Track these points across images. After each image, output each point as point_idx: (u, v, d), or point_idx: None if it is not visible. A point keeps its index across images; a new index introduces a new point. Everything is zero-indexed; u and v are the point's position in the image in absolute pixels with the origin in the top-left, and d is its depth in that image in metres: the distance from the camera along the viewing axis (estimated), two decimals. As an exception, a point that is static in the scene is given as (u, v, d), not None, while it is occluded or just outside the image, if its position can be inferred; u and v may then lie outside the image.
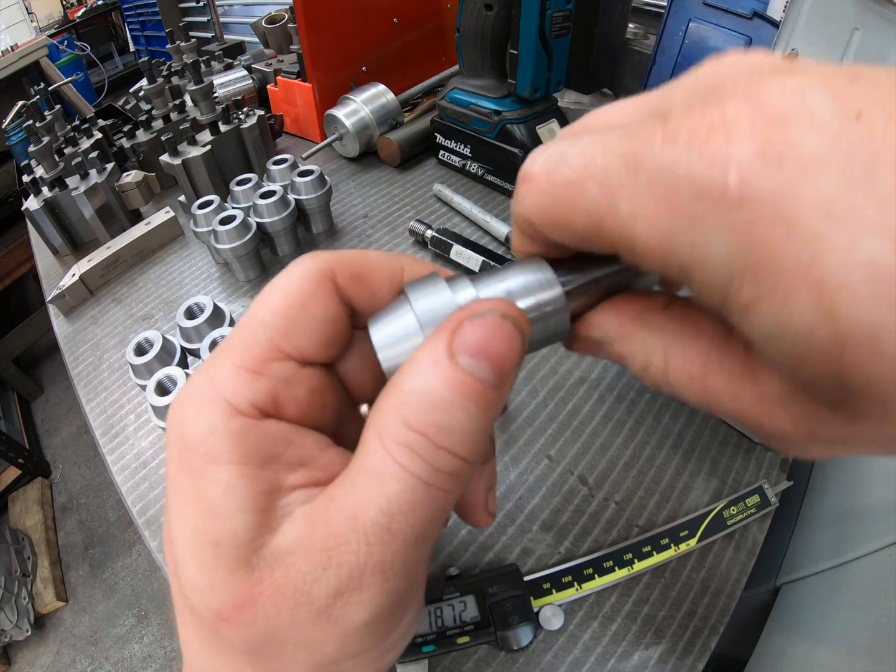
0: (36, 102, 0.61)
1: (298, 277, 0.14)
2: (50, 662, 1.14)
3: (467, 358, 0.11)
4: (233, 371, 0.13)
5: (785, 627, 0.33)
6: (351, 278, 0.14)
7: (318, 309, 0.14)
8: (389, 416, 0.12)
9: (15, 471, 1.38)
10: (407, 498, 0.11)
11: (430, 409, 0.11)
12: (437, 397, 0.11)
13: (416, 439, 0.11)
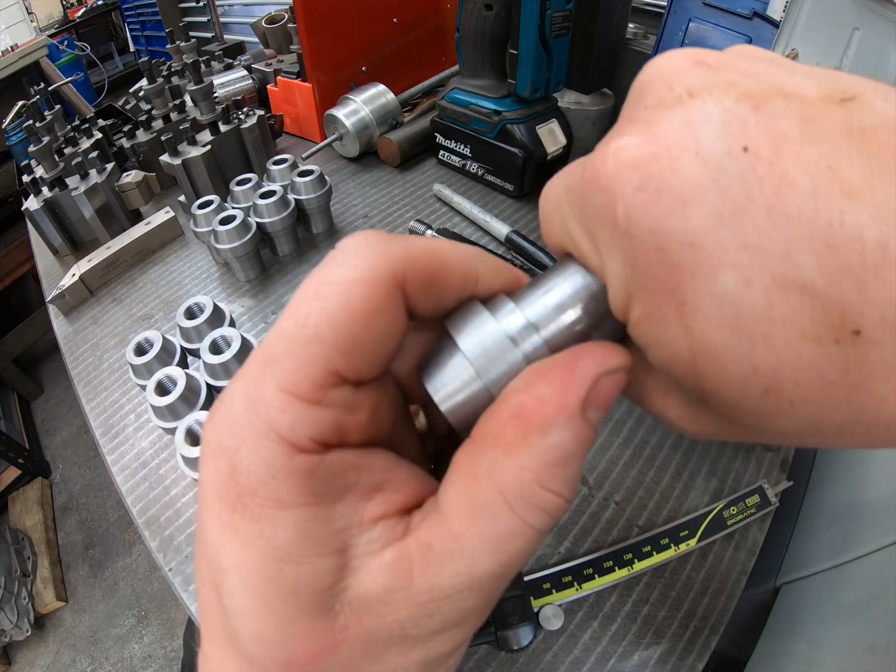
0: (36, 102, 0.61)
1: (365, 282, 0.11)
2: (50, 662, 1.14)
3: (595, 411, 0.11)
4: (284, 400, 0.11)
5: (785, 627, 0.33)
6: (422, 286, 0.12)
7: (386, 327, 0.12)
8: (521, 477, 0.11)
9: (15, 471, 1.38)
10: (527, 550, 0.11)
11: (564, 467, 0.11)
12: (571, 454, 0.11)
13: (551, 500, 0.11)
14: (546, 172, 0.54)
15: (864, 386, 0.09)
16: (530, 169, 0.53)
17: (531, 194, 0.56)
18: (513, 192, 0.55)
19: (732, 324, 0.09)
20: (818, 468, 0.40)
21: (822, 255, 0.08)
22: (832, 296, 0.08)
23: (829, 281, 0.08)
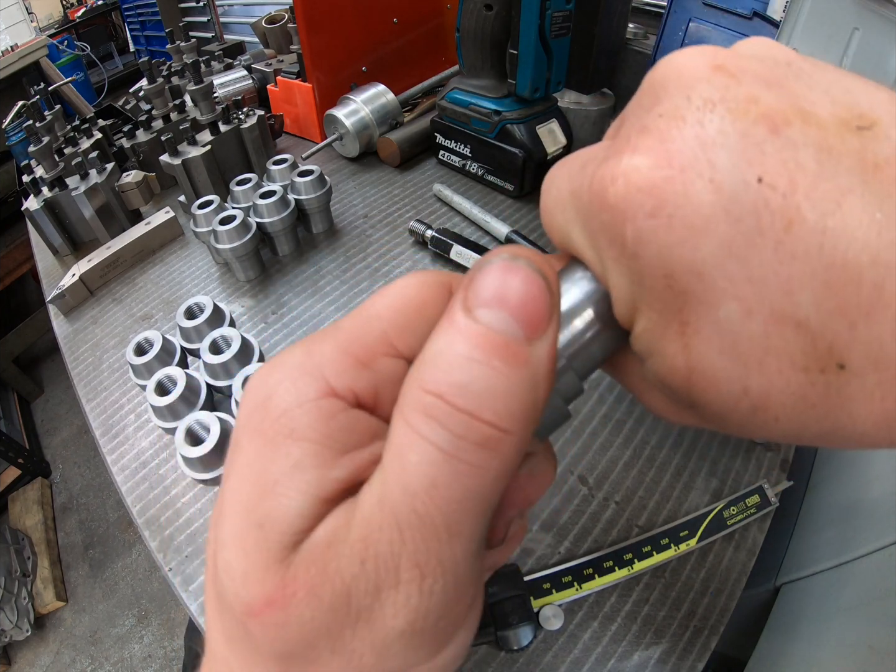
0: (36, 102, 0.61)
1: (418, 283, 0.13)
2: (50, 662, 1.14)
3: (484, 309, 0.10)
4: (339, 353, 0.11)
5: (785, 627, 0.33)
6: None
7: (434, 315, 0.12)
8: (409, 385, 0.10)
9: (15, 471, 1.38)
10: (427, 471, 0.10)
11: (447, 368, 0.10)
12: (456, 355, 0.10)
13: (431, 402, 0.10)
14: (546, 173, 0.54)
15: (843, 408, 0.09)
16: (530, 169, 0.53)
17: (531, 194, 0.56)
18: (513, 192, 0.55)
19: (730, 350, 0.10)
20: (818, 468, 0.40)
21: (820, 294, 0.09)
22: (824, 332, 0.09)
23: (824, 319, 0.09)
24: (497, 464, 0.10)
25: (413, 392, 0.10)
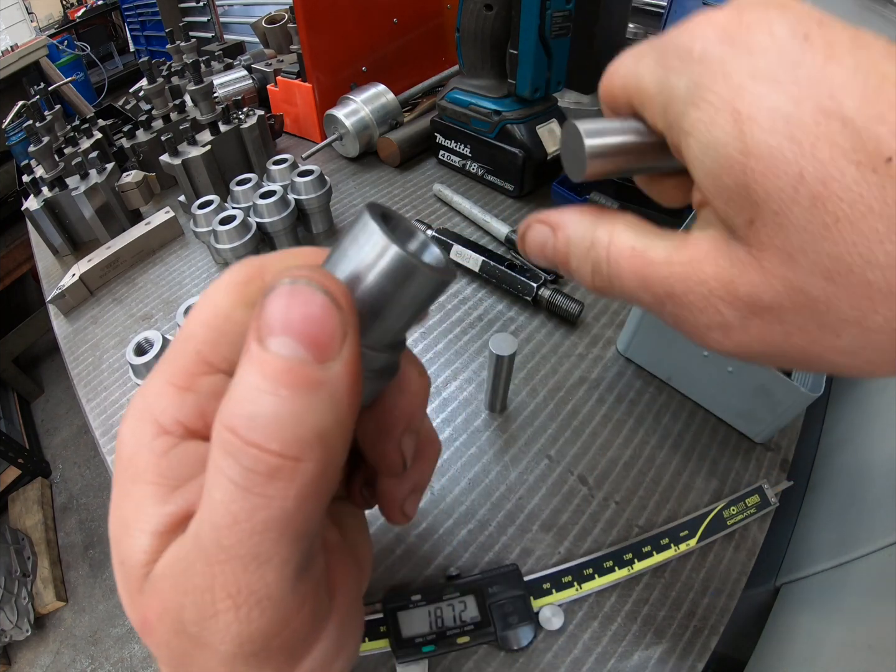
0: (36, 102, 0.61)
1: (225, 286, 0.13)
2: (50, 662, 1.14)
3: (273, 338, 0.10)
4: (162, 387, 0.13)
5: (785, 627, 0.33)
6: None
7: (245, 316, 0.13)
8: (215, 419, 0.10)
9: (15, 471, 1.38)
10: (228, 508, 0.10)
11: (241, 402, 0.10)
12: (248, 387, 0.10)
13: (227, 437, 0.10)
14: (546, 173, 0.54)
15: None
16: (530, 169, 0.53)
17: (531, 194, 0.56)
18: (513, 192, 0.55)
19: (784, 131, 0.11)
20: (818, 468, 0.40)
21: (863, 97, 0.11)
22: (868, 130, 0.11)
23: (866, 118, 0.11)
24: (295, 491, 0.10)
25: (215, 427, 0.10)
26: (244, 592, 0.10)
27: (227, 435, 0.10)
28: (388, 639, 0.26)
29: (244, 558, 0.10)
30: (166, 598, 0.11)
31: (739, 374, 0.32)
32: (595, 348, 0.41)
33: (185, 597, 0.10)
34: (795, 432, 0.36)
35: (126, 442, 0.12)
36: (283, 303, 0.10)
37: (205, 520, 0.10)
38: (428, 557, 0.30)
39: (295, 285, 0.10)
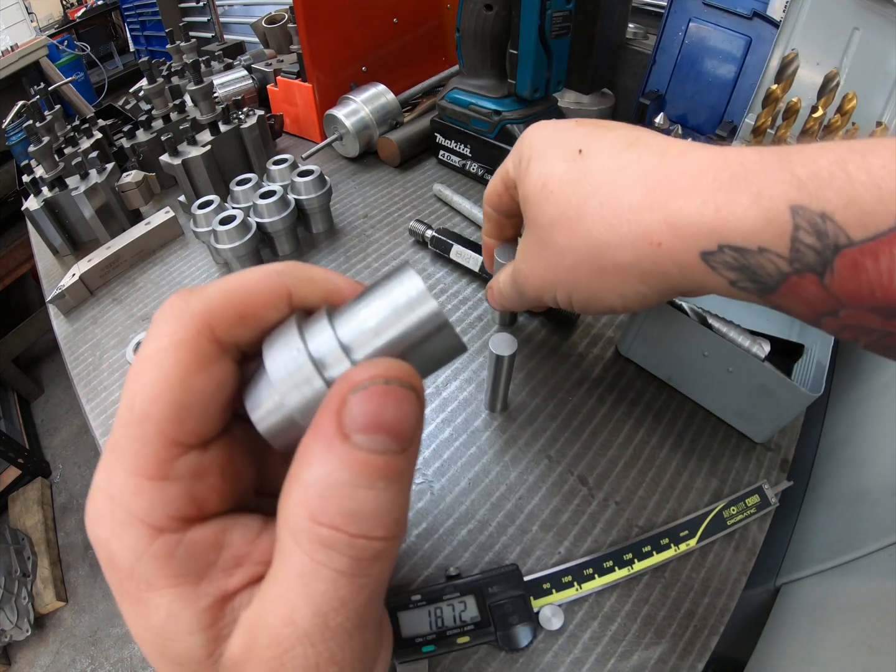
0: (36, 102, 0.61)
1: (173, 348, 0.12)
2: (50, 662, 1.14)
3: (361, 435, 0.11)
4: (134, 483, 0.11)
5: (785, 627, 0.33)
6: (233, 323, 0.12)
7: (204, 381, 0.12)
8: (297, 513, 0.11)
9: (15, 471, 1.38)
10: (336, 594, 0.11)
11: (335, 499, 0.10)
12: (340, 483, 0.10)
13: (328, 534, 0.10)
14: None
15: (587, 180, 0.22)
16: (530, 169, 0.53)
17: (531, 194, 0.56)
18: (513, 192, 0.55)
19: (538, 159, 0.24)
20: (818, 468, 0.40)
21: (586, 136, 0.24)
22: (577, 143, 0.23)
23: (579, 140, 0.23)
24: (390, 562, 0.11)
25: (304, 524, 0.11)
26: (348, 656, 0.11)
27: (327, 531, 0.10)
28: (388, 639, 0.26)
29: (350, 630, 0.11)
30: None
31: (739, 374, 0.32)
32: (595, 348, 0.41)
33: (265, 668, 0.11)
34: (795, 432, 0.36)
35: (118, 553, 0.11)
36: (376, 402, 0.11)
37: (302, 608, 0.11)
38: (428, 557, 0.30)
39: (388, 386, 0.11)
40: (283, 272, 0.14)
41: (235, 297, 0.13)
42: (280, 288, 0.13)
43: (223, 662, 0.11)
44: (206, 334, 0.12)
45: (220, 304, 0.12)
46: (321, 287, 0.14)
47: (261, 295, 0.13)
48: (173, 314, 0.12)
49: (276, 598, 0.11)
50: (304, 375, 0.12)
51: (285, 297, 0.13)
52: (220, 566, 0.12)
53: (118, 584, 0.12)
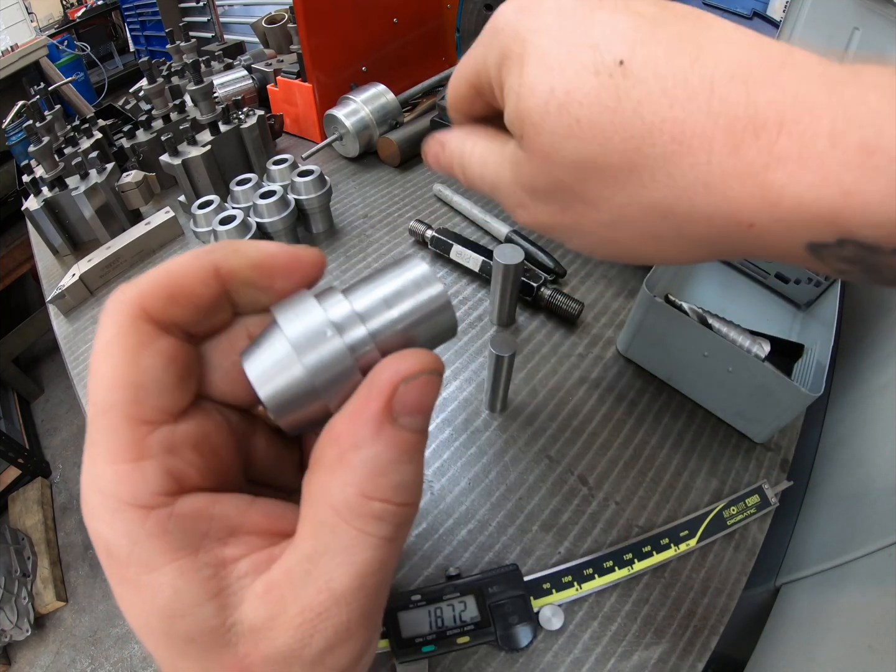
0: (36, 102, 0.61)
1: (115, 336, 0.12)
2: (50, 662, 1.13)
3: (408, 417, 0.12)
4: (113, 471, 0.12)
5: (785, 627, 0.33)
6: (165, 301, 0.13)
7: (150, 356, 0.12)
8: (345, 492, 0.12)
9: (15, 471, 1.38)
10: (376, 559, 0.12)
11: (387, 475, 0.12)
12: (390, 462, 0.12)
13: (380, 508, 0.12)
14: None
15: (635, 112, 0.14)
16: (530, 169, 0.53)
17: (531, 194, 0.56)
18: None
19: (544, 64, 0.15)
20: (818, 468, 0.40)
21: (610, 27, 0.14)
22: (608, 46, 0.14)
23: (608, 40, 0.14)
24: (412, 525, 0.13)
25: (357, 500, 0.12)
26: (374, 610, 0.13)
27: (380, 505, 0.12)
28: (389, 639, 0.26)
29: (379, 587, 0.13)
30: (278, 643, 0.12)
31: (739, 373, 0.32)
32: (595, 348, 0.41)
33: (312, 636, 0.12)
34: (795, 432, 0.36)
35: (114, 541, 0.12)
36: (422, 391, 0.13)
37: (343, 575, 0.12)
38: (428, 557, 0.30)
39: (432, 377, 0.13)
40: (211, 250, 0.14)
41: (164, 279, 0.13)
42: (206, 264, 0.14)
43: (238, 630, 0.12)
44: (142, 316, 0.13)
45: (151, 287, 0.13)
46: (248, 255, 0.14)
47: (188, 273, 0.13)
48: (112, 308, 0.13)
49: (309, 573, 0.12)
50: (323, 336, 0.12)
51: (211, 272, 0.14)
52: (213, 536, 0.12)
53: (119, 575, 0.12)
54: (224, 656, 0.12)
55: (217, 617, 0.12)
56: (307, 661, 0.12)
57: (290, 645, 0.12)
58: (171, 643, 0.12)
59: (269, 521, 0.13)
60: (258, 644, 0.12)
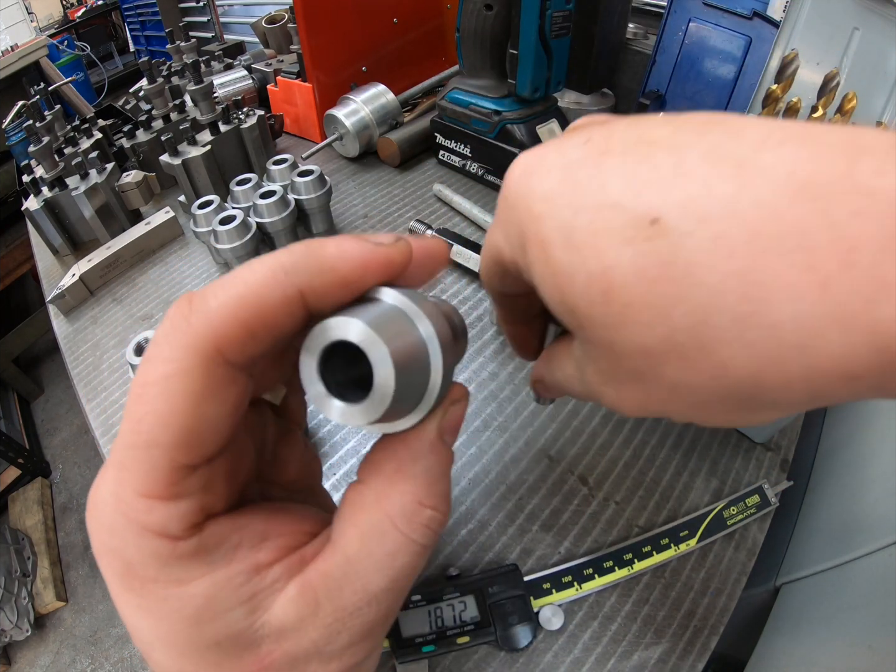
0: (36, 102, 0.61)
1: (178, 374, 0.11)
2: (50, 662, 1.13)
3: (450, 436, 0.14)
4: (144, 503, 0.11)
5: (785, 627, 0.33)
6: (244, 342, 0.11)
7: (217, 407, 0.12)
8: (403, 500, 0.13)
9: (15, 471, 1.38)
10: (413, 564, 0.13)
11: (438, 485, 0.14)
12: (440, 473, 0.14)
13: (430, 515, 0.13)
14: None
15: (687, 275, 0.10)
16: (530, 169, 0.53)
17: (531, 194, 0.56)
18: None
19: (569, 244, 0.12)
20: (818, 468, 0.40)
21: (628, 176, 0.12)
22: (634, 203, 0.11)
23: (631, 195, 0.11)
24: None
25: (411, 507, 0.13)
26: (396, 608, 0.14)
27: (430, 512, 0.13)
28: (389, 639, 0.26)
29: (406, 587, 0.13)
30: (304, 641, 0.12)
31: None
32: (595, 348, 0.41)
33: (339, 634, 0.12)
34: (795, 432, 0.36)
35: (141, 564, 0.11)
36: (461, 414, 0.15)
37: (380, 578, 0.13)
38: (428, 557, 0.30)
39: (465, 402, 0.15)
40: (292, 270, 0.12)
41: (242, 313, 0.11)
42: (290, 291, 0.12)
43: (266, 631, 0.12)
44: (216, 359, 0.11)
45: (227, 322, 0.11)
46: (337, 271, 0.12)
47: (271, 305, 0.12)
48: (176, 336, 0.11)
49: (347, 574, 0.13)
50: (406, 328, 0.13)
51: (297, 300, 0.12)
52: (246, 545, 0.12)
53: (139, 587, 0.12)
54: (245, 657, 0.12)
55: (247, 619, 0.12)
56: (326, 656, 0.12)
57: (315, 642, 0.12)
58: (190, 649, 0.12)
59: (294, 523, 0.14)
60: (283, 643, 0.12)
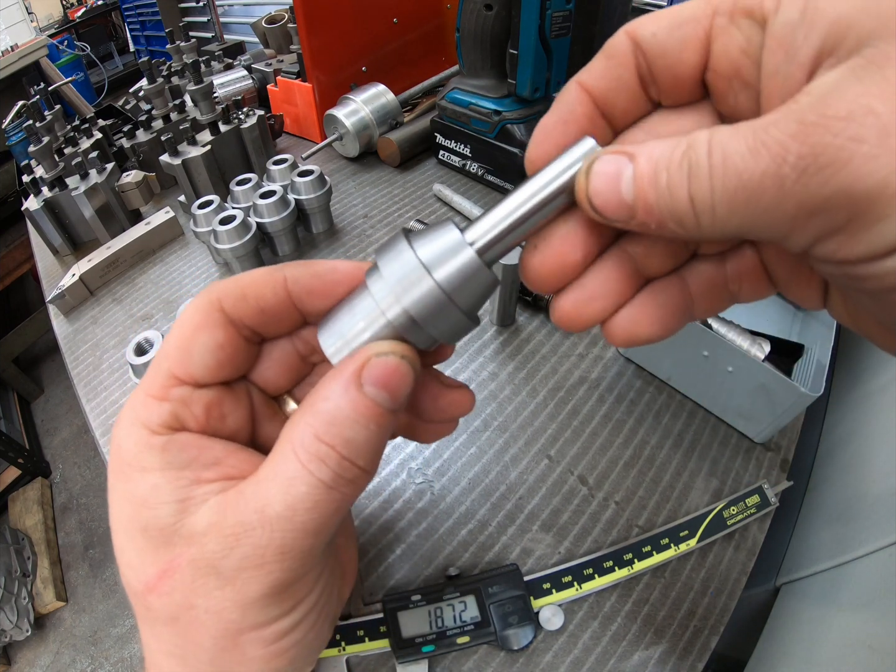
0: (36, 102, 0.61)
1: (192, 312, 0.16)
2: (50, 662, 1.13)
3: (372, 387, 0.14)
4: (144, 399, 0.16)
5: (785, 627, 0.33)
6: (237, 301, 0.16)
7: (206, 338, 0.16)
8: (304, 430, 0.14)
9: (15, 471, 1.38)
10: (311, 497, 0.14)
11: (340, 427, 0.14)
12: (346, 417, 0.14)
13: (325, 451, 0.14)
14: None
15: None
16: (530, 169, 0.53)
17: (531, 194, 0.56)
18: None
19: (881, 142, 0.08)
20: (818, 468, 0.40)
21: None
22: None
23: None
24: (356, 491, 0.15)
25: (308, 439, 0.14)
26: (295, 552, 0.14)
27: (326, 448, 0.14)
28: (389, 639, 0.26)
29: (307, 531, 0.14)
30: (205, 550, 0.14)
31: (739, 374, 0.32)
32: (595, 348, 0.41)
33: (232, 549, 0.14)
34: (795, 432, 0.36)
35: (125, 444, 0.15)
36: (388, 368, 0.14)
37: (278, 501, 0.14)
38: (428, 557, 0.30)
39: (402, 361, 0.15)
40: (284, 266, 0.17)
41: (241, 282, 0.17)
42: (277, 275, 0.17)
43: (181, 531, 0.14)
44: (216, 307, 0.16)
45: (230, 287, 0.16)
46: (312, 267, 0.17)
47: (259, 281, 0.17)
48: (198, 298, 0.16)
49: (254, 492, 0.14)
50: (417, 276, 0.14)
51: (281, 282, 0.17)
52: (200, 461, 0.15)
53: (119, 469, 0.15)
54: (162, 552, 0.14)
55: (173, 516, 0.14)
56: (222, 575, 0.14)
57: (213, 552, 0.14)
58: (130, 529, 0.15)
59: (251, 463, 0.16)
60: (191, 547, 0.14)
